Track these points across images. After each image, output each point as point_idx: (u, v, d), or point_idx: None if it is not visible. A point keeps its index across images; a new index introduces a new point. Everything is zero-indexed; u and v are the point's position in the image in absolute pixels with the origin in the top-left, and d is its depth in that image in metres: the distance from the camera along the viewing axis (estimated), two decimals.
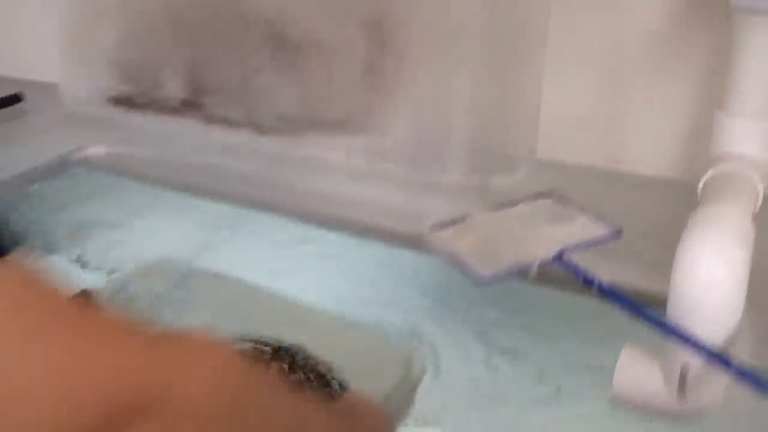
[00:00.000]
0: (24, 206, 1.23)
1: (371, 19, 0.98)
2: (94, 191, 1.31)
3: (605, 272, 0.83)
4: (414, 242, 0.91)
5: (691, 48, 0.88)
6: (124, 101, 1.36)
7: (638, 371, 0.70)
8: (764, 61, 0.78)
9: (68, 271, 1.14)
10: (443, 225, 0.89)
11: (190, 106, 1.27)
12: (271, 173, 1.12)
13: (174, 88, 1.26)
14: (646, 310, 0.67)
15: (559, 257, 0.75)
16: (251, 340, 0.76)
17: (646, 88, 0.91)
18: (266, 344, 0.75)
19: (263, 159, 1.17)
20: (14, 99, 1.51)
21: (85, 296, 0.76)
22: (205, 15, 1.14)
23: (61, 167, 1.30)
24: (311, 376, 0.71)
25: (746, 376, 0.58)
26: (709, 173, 0.82)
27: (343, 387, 0.70)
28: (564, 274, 0.76)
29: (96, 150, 1.31)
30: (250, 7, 1.08)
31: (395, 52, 0.98)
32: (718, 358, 0.60)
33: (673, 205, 0.88)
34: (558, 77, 0.91)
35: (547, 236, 0.81)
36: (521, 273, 0.76)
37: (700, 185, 0.83)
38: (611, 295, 0.69)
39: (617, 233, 0.79)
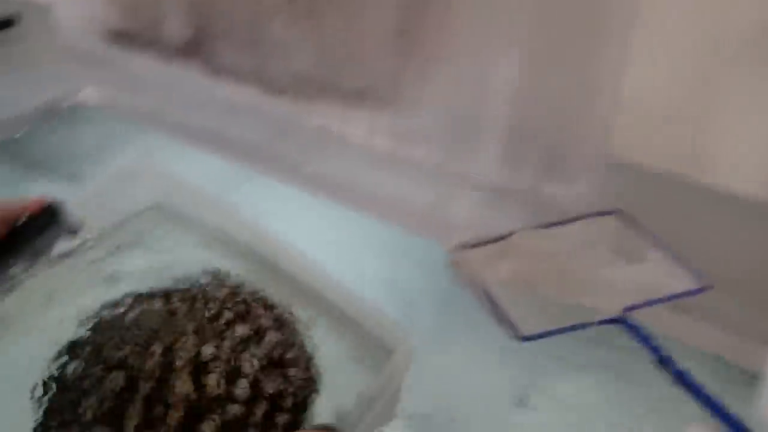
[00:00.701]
0: (17, 149, 1.10)
1: None
2: (87, 136, 1.16)
3: (676, 330, 0.66)
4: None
5: None
6: (123, 37, 1.19)
7: None
8: None
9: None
10: (475, 243, 0.72)
11: (193, 51, 1.08)
12: (280, 143, 0.95)
13: (176, 28, 1.08)
14: (729, 414, 0.51)
15: (624, 318, 0.58)
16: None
17: (750, 86, 0.70)
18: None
19: (271, 124, 0.99)
20: (7, 23, 1.35)
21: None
22: None
23: (53, 111, 1.15)
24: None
25: None
26: None
27: None
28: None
29: (91, 94, 1.15)
30: None
31: (435, 14, 0.78)
32: None
33: None
34: (642, 61, 0.70)
35: (609, 279, 0.63)
36: (571, 330, 0.59)
37: None
38: (689, 386, 0.53)
39: (704, 287, 0.61)
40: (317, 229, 0.84)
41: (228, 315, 0.63)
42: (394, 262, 0.81)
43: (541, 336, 0.58)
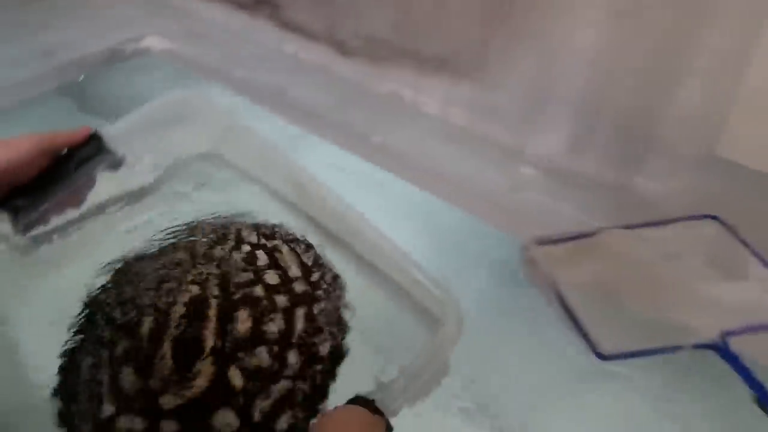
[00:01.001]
0: (79, 91, 1.08)
1: None
2: (149, 82, 1.13)
3: None
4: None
5: None
6: None
7: None
8: None
9: None
10: (554, 239, 0.66)
11: (262, 3, 1.03)
12: (347, 108, 0.89)
13: None
14: None
15: (722, 344, 0.52)
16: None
17: None
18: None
19: (340, 86, 0.93)
20: None
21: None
22: None
23: (117, 55, 1.12)
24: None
25: None
26: None
27: None
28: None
29: (156, 40, 1.11)
30: None
31: None
32: None
33: None
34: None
35: (705, 296, 0.56)
36: (659, 353, 0.53)
37: None
38: None
39: None
40: (378, 202, 0.79)
41: (263, 261, 0.61)
42: (454, 247, 0.75)
43: (622, 357, 0.52)
